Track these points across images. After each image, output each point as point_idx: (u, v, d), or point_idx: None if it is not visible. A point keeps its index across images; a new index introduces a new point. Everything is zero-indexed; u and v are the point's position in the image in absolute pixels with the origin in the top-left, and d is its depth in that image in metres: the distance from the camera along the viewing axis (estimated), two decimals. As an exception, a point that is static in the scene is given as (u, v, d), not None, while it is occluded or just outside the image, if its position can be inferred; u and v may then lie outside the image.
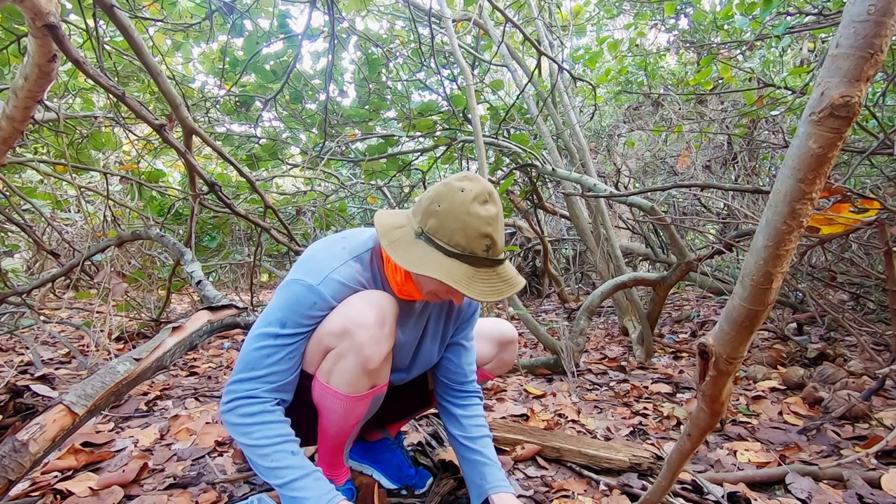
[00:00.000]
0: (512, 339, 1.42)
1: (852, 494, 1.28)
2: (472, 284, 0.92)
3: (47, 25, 1.18)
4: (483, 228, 0.92)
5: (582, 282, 5.54)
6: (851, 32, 0.50)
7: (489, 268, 0.96)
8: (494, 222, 0.94)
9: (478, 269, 0.94)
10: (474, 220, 0.92)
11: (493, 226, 0.94)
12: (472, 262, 0.94)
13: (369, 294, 1.03)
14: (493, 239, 0.94)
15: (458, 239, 0.92)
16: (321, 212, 3.90)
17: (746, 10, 2.39)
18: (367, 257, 1.09)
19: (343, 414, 1.08)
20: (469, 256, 0.93)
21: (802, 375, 2.12)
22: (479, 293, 0.92)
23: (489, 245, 0.94)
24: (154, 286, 3.42)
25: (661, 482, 0.96)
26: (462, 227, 0.92)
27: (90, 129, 3.01)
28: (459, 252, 0.93)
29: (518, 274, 1.02)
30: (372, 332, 0.98)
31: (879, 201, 1.28)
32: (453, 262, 0.93)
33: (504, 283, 0.96)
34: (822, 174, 0.55)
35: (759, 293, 0.64)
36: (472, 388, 1.29)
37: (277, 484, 0.97)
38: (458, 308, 1.22)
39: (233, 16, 2.97)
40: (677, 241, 2.38)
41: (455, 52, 2.58)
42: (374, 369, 1.01)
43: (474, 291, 0.92)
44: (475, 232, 0.92)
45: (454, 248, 0.93)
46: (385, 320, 1.01)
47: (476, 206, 0.92)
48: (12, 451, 0.93)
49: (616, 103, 4.47)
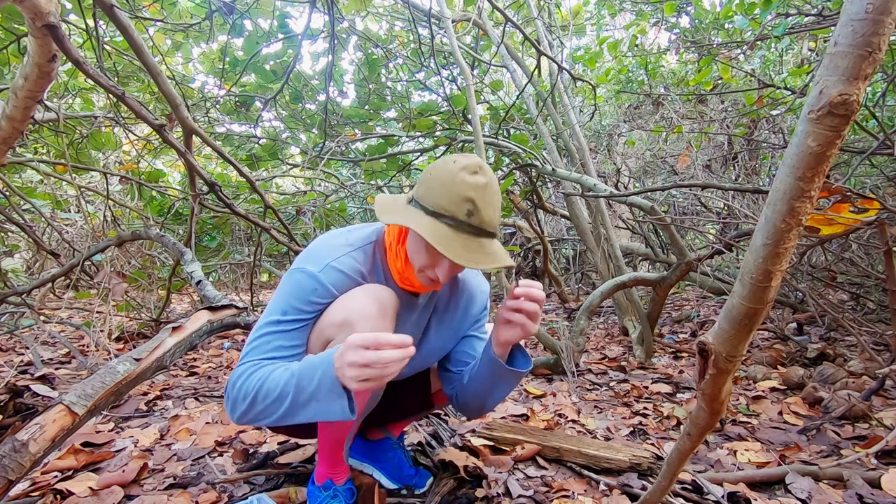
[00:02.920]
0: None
1: (852, 494, 1.28)
2: (448, 245, 0.90)
3: (47, 25, 1.18)
4: (466, 192, 0.92)
5: (582, 282, 5.54)
6: (849, 31, 0.50)
7: (471, 235, 0.94)
8: (481, 190, 0.93)
9: (458, 232, 0.93)
10: (459, 186, 0.92)
11: (477, 192, 0.93)
12: (453, 225, 0.93)
13: (371, 287, 1.04)
14: (476, 204, 0.93)
15: (442, 201, 0.93)
16: (321, 212, 3.90)
17: (746, 11, 2.39)
18: (370, 249, 1.09)
19: None
20: (450, 218, 0.93)
21: (802, 375, 2.12)
22: (453, 254, 0.89)
23: (471, 210, 0.93)
24: (154, 286, 3.42)
25: (661, 482, 0.96)
26: (446, 191, 0.93)
27: (90, 129, 3.01)
28: (441, 212, 0.93)
29: (507, 255, 0.98)
30: (373, 324, 0.98)
31: (879, 201, 1.28)
32: (433, 220, 0.93)
33: (485, 255, 0.93)
34: (820, 172, 0.55)
35: (758, 291, 0.64)
36: None
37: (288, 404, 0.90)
38: (464, 305, 1.21)
39: (233, 16, 2.97)
40: (677, 241, 2.38)
41: (455, 53, 2.58)
42: None
43: (450, 251, 0.89)
44: (458, 196, 0.92)
45: (436, 209, 0.93)
46: (385, 312, 1.01)
47: (464, 174, 0.93)
48: (12, 451, 0.93)
49: (616, 103, 4.46)
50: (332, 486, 1.20)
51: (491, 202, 0.95)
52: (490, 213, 0.95)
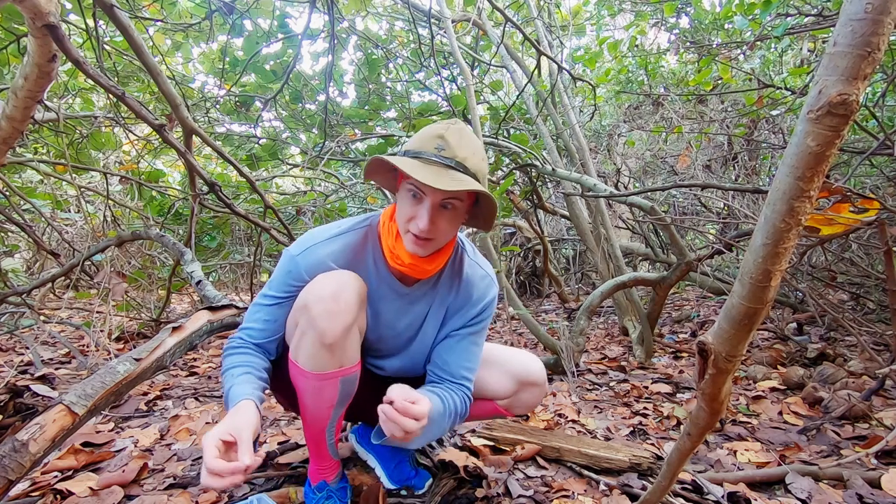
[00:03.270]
0: (536, 382, 1.26)
1: (852, 494, 1.28)
2: (414, 168, 0.92)
3: (47, 25, 1.18)
4: (436, 131, 0.97)
5: (582, 282, 5.54)
6: (849, 31, 0.50)
7: (443, 167, 0.96)
8: (451, 132, 0.97)
9: (428, 164, 0.95)
10: (431, 128, 0.99)
11: (448, 131, 0.97)
12: (424, 159, 0.96)
13: (335, 272, 1.05)
14: (447, 140, 0.96)
15: (416, 143, 0.98)
16: (321, 212, 3.90)
17: (746, 11, 2.39)
18: (361, 232, 1.11)
19: (313, 394, 1.07)
20: (421, 153, 0.97)
21: (802, 375, 2.12)
22: (419, 174, 0.90)
23: (441, 146, 0.96)
24: (154, 286, 3.41)
25: (661, 482, 0.96)
26: (422, 135, 0.99)
27: (90, 129, 3.01)
28: (415, 151, 0.98)
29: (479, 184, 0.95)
30: (326, 306, 0.98)
31: (879, 201, 1.28)
32: (404, 157, 0.97)
33: (452, 180, 0.92)
34: (820, 172, 0.55)
35: (757, 291, 0.64)
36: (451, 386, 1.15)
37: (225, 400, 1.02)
38: (461, 304, 1.16)
39: (233, 16, 2.97)
40: (677, 241, 2.38)
41: (454, 53, 2.58)
42: (331, 344, 1.00)
43: (415, 172, 0.90)
44: (428, 134, 0.98)
45: (412, 150, 0.98)
46: (340, 295, 1.00)
47: (439, 125, 0.99)
48: (12, 451, 0.93)
49: (616, 103, 4.46)
50: (325, 486, 1.20)
51: (465, 145, 0.98)
52: (464, 153, 0.97)
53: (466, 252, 1.18)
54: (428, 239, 1.00)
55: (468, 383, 1.17)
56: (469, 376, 1.17)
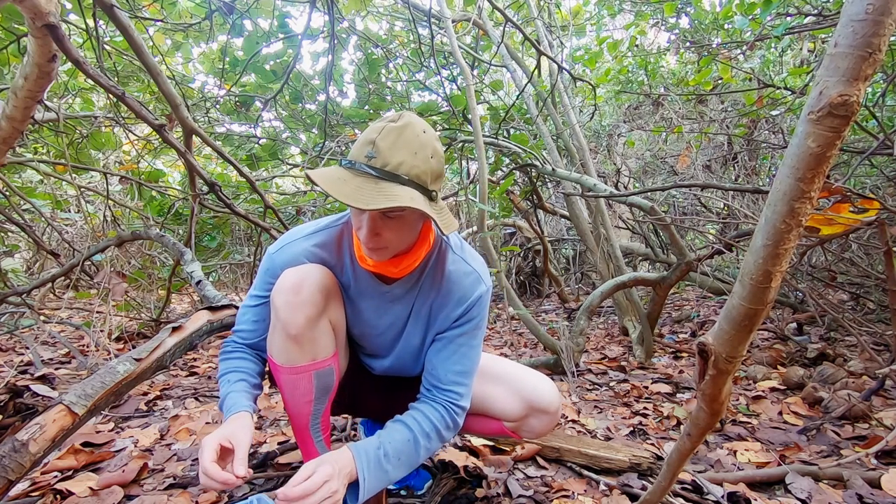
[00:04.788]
0: (546, 409, 1.16)
1: (852, 494, 1.28)
2: (334, 184, 0.85)
3: (47, 25, 1.18)
4: (370, 135, 0.89)
5: (582, 282, 5.54)
6: (850, 31, 0.50)
7: (371, 179, 0.87)
8: (387, 133, 0.87)
9: (356, 175, 0.87)
10: (367, 131, 0.90)
11: (382, 135, 0.87)
12: (352, 169, 0.88)
13: (301, 266, 1.04)
14: (378, 147, 0.87)
15: (353, 149, 0.91)
16: (321, 212, 3.90)
17: (746, 11, 2.39)
18: (335, 231, 1.10)
19: (288, 389, 1.08)
20: (350, 162, 0.89)
21: (802, 375, 2.12)
22: (336, 191, 0.83)
23: (371, 154, 0.87)
24: (154, 286, 3.41)
25: (661, 482, 0.96)
26: (358, 138, 0.92)
27: (90, 129, 3.01)
28: (346, 159, 0.91)
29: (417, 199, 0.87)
30: (286, 298, 0.99)
31: (879, 201, 1.28)
32: (335, 168, 0.91)
33: (382, 196, 0.84)
34: (820, 173, 0.55)
35: (758, 292, 0.64)
36: (439, 394, 1.09)
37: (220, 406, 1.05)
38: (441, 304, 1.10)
39: (233, 16, 2.97)
40: (677, 241, 2.38)
41: (455, 53, 2.58)
42: (296, 335, 1.00)
43: (333, 189, 0.83)
44: (362, 139, 0.90)
45: (346, 157, 0.92)
46: (301, 287, 1.00)
47: (377, 124, 0.90)
48: (12, 451, 0.93)
49: (616, 103, 4.46)
50: None
51: (403, 147, 0.88)
52: (399, 157, 0.87)
53: (451, 247, 1.11)
54: (379, 248, 0.95)
55: (458, 388, 1.08)
56: (460, 381, 1.09)
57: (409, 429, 1.04)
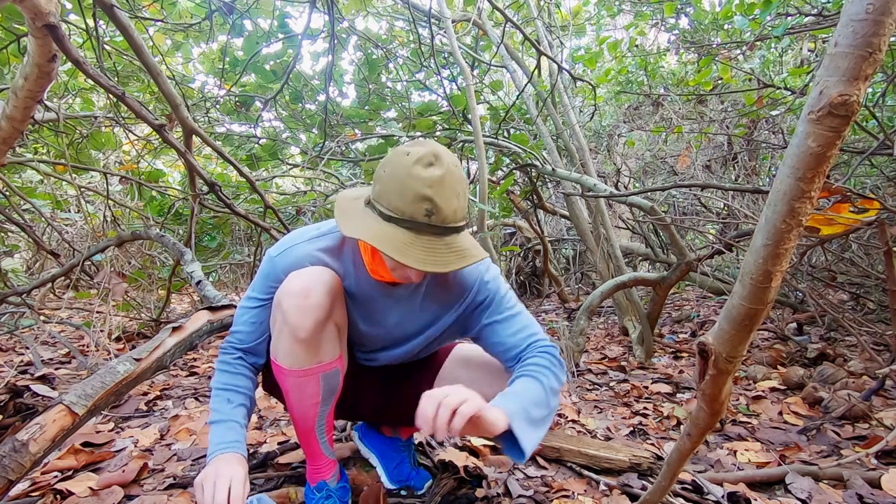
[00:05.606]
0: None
1: (852, 494, 1.28)
2: (406, 251, 0.85)
3: (47, 25, 1.18)
4: (422, 191, 0.85)
5: (582, 282, 5.54)
6: (850, 31, 0.50)
7: (434, 236, 0.88)
8: (437, 185, 0.86)
9: (419, 235, 0.87)
10: (414, 182, 0.86)
11: (434, 188, 0.85)
12: (413, 228, 0.87)
13: (307, 268, 1.04)
14: (435, 203, 0.86)
15: (397, 202, 0.87)
16: (321, 212, 3.90)
17: (746, 11, 2.39)
18: (339, 235, 1.09)
19: (296, 392, 1.08)
20: (408, 221, 0.87)
21: (802, 375, 2.12)
22: (415, 261, 0.84)
23: (430, 210, 0.86)
24: (154, 286, 3.41)
25: (661, 482, 0.96)
26: (402, 191, 0.86)
27: (90, 129, 3.01)
28: (398, 217, 0.87)
29: (478, 246, 0.92)
30: (295, 301, 0.99)
31: (879, 201, 1.28)
32: (390, 226, 0.88)
33: (454, 255, 0.87)
34: (820, 173, 0.55)
35: (758, 292, 0.64)
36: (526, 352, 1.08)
37: (208, 422, 1.07)
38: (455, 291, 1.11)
39: (233, 16, 2.97)
40: (677, 241, 2.38)
41: (455, 53, 2.58)
42: (305, 339, 1.00)
43: (410, 258, 0.84)
44: (413, 194, 0.86)
45: (393, 213, 0.88)
46: (310, 291, 0.99)
47: (418, 168, 0.86)
48: (12, 451, 0.93)
49: (616, 103, 4.47)
50: (325, 486, 1.19)
51: (452, 194, 0.88)
52: (453, 206, 0.88)
53: None
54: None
55: (534, 338, 1.08)
56: (531, 333, 1.09)
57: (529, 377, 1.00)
